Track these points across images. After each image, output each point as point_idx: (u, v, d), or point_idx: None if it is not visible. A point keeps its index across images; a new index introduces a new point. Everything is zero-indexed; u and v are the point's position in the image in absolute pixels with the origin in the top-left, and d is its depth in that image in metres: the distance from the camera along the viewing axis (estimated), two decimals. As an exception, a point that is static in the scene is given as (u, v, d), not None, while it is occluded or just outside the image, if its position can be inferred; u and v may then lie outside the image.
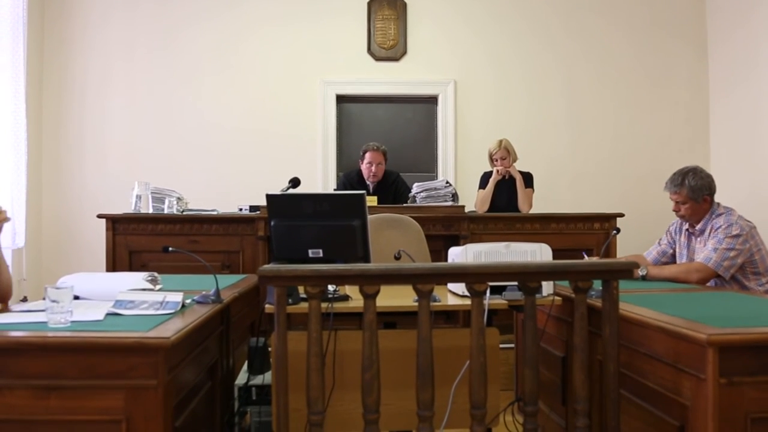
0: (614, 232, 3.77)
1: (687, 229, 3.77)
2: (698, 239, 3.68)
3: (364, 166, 5.50)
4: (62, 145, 6.50)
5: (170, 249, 2.92)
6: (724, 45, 6.57)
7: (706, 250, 3.54)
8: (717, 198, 3.69)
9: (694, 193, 3.58)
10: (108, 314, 2.35)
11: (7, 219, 2.72)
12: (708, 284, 3.52)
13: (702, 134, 6.79)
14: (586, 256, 3.69)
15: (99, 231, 5.00)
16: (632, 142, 6.75)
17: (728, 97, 6.52)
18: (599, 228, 5.05)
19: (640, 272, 3.57)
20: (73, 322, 2.17)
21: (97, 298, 2.68)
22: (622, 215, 5.04)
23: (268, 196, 2.86)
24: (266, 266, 2.12)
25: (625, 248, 4.93)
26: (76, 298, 2.51)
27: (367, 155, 5.48)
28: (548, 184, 6.19)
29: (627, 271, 2.25)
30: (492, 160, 5.53)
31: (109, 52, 6.55)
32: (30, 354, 2.00)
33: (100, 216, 4.85)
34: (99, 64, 6.54)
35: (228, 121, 6.57)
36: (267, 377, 3.04)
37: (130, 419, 1.99)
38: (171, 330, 2.09)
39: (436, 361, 2.19)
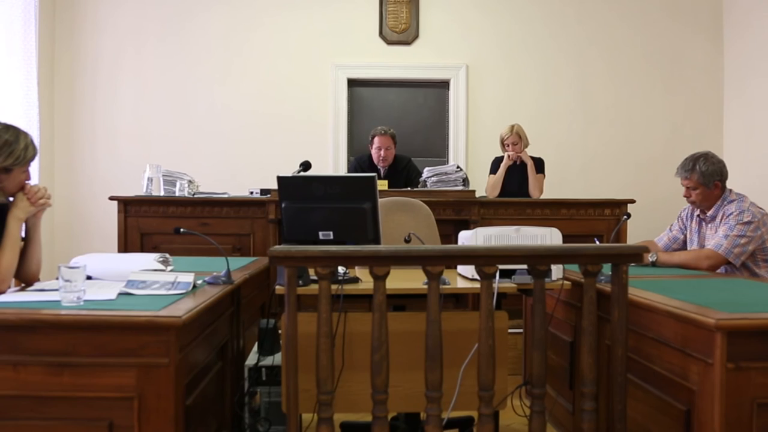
0: (624, 217, 3.76)
1: (698, 215, 3.76)
2: (709, 225, 3.67)
3: (373, 151, 5.51)
4: (74, 129, 6.53)
5: (182, 230, 2.94)
6: (740, 31, 6.52)
7: (716, 237, 3.53)
8: (729, 185, 3.68)
9: (705, 178, 3.56)
10: (120, 294, 2.38)
11: (49, 204, 2.76)
12: (718, 271, 3.52)
13: (715, 120, 6.75)
14: (597, 242, 3.70)
15: (110, 213, 5.03)
16: (644, 128, 6.72)
17: (743, 84, 6.47)
18: (610, 214, 5.05)
19: (650, 258, 3.56)
20: (86, 301, 2.20)
21: (109, 278, 2.71)
22: (633, 201, 5.04)
23: (279, 178, 2.87)
24: (277, 247, 2.14)
25: (636, 234, 4.92)
26: (89, 278, 2.54)
27: (376, 140, 5.49)
28: (559, 170, 6.18)
29: (636, 255, 2.25)
30: (503, 145, 5.52)
31: (120, 35, 6.56)
32: (44, 331, 2.03)
33: (112, 198, 4.88)
34: (110, 48, 6.55)
35: (239, 105, 6.58)
36: (277, 358, 3.06)
37: (141, 396, 2.02)
38: (182, 309, 2.12)
39: (445, 343, 2.20)
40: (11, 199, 2.69)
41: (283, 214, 2.88)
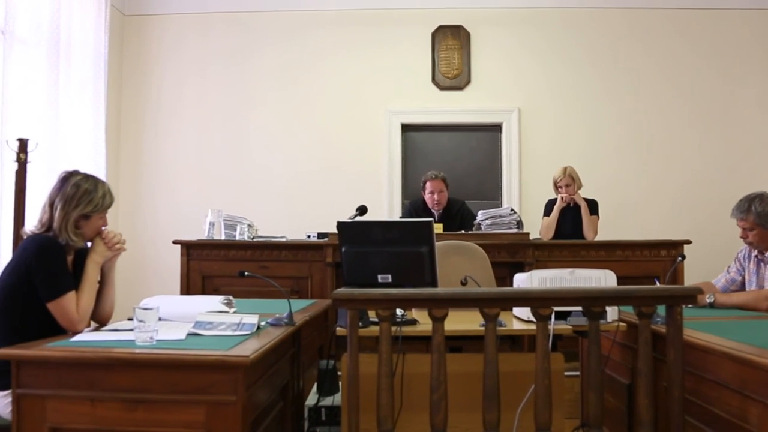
0: (679, 258, 3.76)
1: (756, 256, 3.72)
2: (768, 266, 3.64)
3: (426, 196, 5.59)
4: (137, 176, 6.80)
5: (246, 273, 3.06)
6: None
7: (775, 278, 3.50)
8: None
9: (761, 219, 3.54)
10: (189, 334, 2.50)
11: (124, 249, 2.92)
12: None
13: (773, 160, 6.67)
14: (657, 282, 3.69)
15: (170, 257, 5.20)
16: (699, 167, 6.65)
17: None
18: (666, 255, 5.01)
19: (708, 299, 3.54)
20: (158, 340, 2.31)
21: (177, 319, 2.84)
22: (689, 242, 4.99)
23: (339, 224, 2.97)
24: (340, 290, 2.23)
25: (693, 276, 4.86)
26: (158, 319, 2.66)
27: (428, 185, 5.57)
28: (613, 211, 6.17)
29: (690, 296, 2.27)
30: (557, 187, 5.56)
31: (181, 85, 6.84)
32: (120, 369, 2.15)
33: (175, 242, 5.05)
34: (172, 97, 6.83)
35: (295, 150, 6.76)
36: (336, 399, 3.13)
37: (211, 433, 2.11)
38: (249, 349, 2.21)
39: (502, 385, 2.25)
40: (89, 244, 2.85)
41: (343, 258, 2.97)
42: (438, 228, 4.93)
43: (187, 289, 4.98)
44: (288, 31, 6.82)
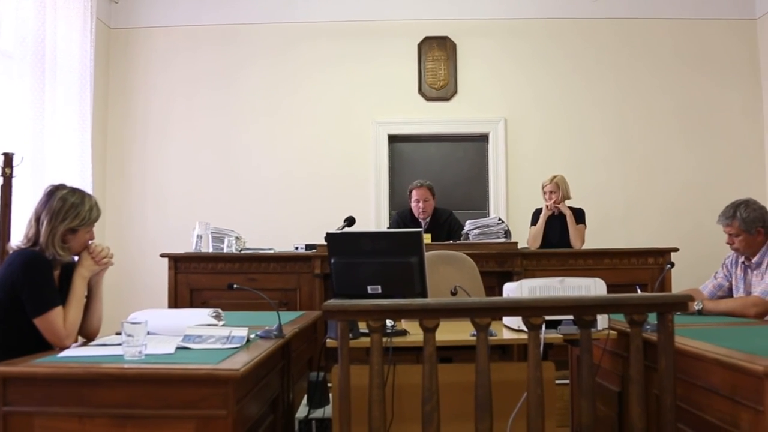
0: (668, 266, 3.77)
1: (743, 262, 3.74)
2: (755, 272, 3.65)
3: (412, 204, 5.62)
4: (124, 189, 6.76)
5: (235, 286, 3.04)
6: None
7: (763, 284, 3.51)
8: (773, 231, 3.67)
9: (747, 225, 3.56)
10: (178, 348, 2.47)
11: (111, 263, 2.89)
12: (766, 318, 3.49)
13: (758, 168, 6.71)
14: (639, 290, 3.70)
15: (157, 271, 5.16)
16: (686, 175, 6.70)
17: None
18: (653, 263, 5.03)
19: (696, 307, 3.55)
20: (146, 355, 2.29)
21: (165, 332, 2.81)
22: (676, 250, 5.02)
23: (328, 235, 2.96)
24: (330, 301, 2.22)
25: (681, 283, 4.89)
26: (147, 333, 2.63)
27: (414, 193, 5.60)
28: (601, 220, 6.19)
29: (681, 303, 2.27)
30: (544, 193, 5.58)
31: (168, 96, 6.83)
32: (108, 385, 2.12)
33: (163, 255, 5.01)
34: (159, 108, 6.82)
35: (283, 162, 6.75)
36: (326, 411, 3.11)
37: (201, 448, 2.08)
38: (240, 362, 2.20)
39: (493, 394, 2.24)
40: (76, 258, 2.82)
41: (332, 270, 2.96)
42: (426, 238, 4.93)
43: (175, 302, 4.95)
44: (275, 44, 6.83)
